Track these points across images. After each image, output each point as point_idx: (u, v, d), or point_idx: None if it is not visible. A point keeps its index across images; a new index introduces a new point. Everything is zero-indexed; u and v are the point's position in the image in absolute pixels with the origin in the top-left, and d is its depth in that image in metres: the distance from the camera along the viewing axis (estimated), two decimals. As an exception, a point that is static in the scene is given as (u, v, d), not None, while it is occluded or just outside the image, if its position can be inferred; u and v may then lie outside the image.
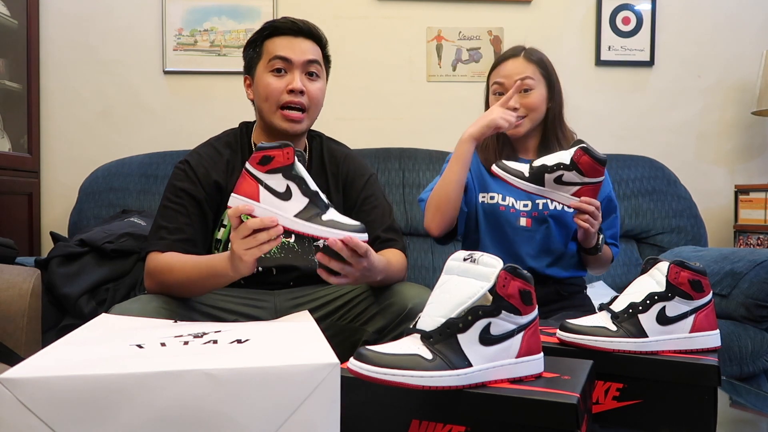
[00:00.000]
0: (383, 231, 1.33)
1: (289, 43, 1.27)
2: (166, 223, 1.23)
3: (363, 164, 1.41)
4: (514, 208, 1.51)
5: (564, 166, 1.27)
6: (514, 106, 1.45)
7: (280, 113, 1.27)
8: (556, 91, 1.52)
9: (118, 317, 0.95)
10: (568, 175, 1.27)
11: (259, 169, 1.01)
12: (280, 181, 1.01)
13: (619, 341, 0.96)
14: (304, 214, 1.02)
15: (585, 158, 1.26)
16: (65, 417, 0.58)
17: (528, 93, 1.47)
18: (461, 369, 0.75)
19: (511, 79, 1.47)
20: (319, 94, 1.30)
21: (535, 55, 1.50)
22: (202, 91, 2.52)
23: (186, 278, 1.15)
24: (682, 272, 0.98)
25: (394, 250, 1.31)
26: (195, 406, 0.60)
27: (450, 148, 2.41)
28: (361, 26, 2.52)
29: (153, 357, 0.65)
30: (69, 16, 2.47)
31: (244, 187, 1.02)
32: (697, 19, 2.62)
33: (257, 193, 1.01)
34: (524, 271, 0.80)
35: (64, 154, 2.48)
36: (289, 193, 1.01)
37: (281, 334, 0.78)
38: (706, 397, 0.92)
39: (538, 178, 1.29)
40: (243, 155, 1.32)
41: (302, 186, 1.02)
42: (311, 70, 1.29)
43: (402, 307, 1.15)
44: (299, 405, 0.63)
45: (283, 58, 1.26)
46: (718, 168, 2.65)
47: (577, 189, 1.29)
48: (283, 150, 1.00)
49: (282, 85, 1.26)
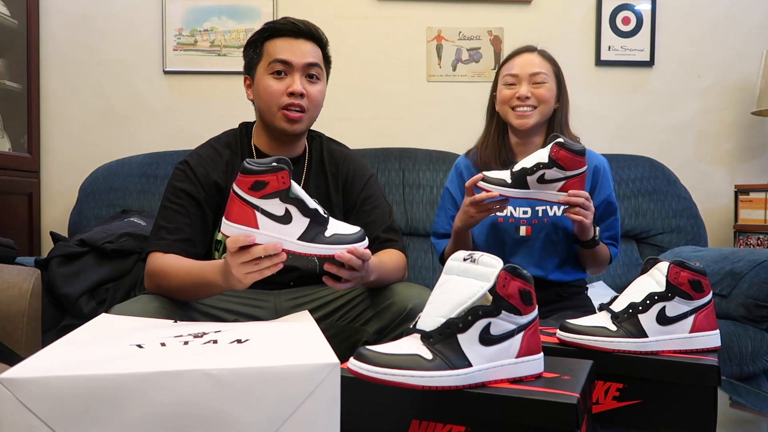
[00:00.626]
0: (383, 231, 1.33)
1: (289, 45, 1.27)
2: (165, 224, 1.24)
3: (363, 165, 1.41)
4: (514, 218, 1.51)
5: (543, 164, 1.25)
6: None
7: (281, 113, 1.27)
8: (564, 93, 1.54)
9: (118, 317, 0.95)
10: (550, 172, 1.26)
11: (252, 195, 0.95)
12: (278, 205, 0.96)
13: (619, 341, 0.96)
14: (307, 235, 0.98)
15: (562, 152, 1.24)
16: (65, 417, 0.58)
17: (540, 85, 1.48)
18: (461, 369, 0.75)
19: (525, 70, 1.48)
20: (318, 96, 1.31)
21: (547, 54, 1.53)
22: (202, 91, 2.52)
23: (180, 284, 1.15)
24: (682, 272, 0.98)
25: (392, 250, 1.31)
26: (195, 405, 0.60)
27: (450, 148, 2.44)
28: (361, 26, 2.52)
29: (153, 357, 0.66)
30: (69, 15, 2.47)
31: (238, 213, 0.96)
32: (697, 19, 2.62)
33: (254, 220, 0.95)
34: (524, 271, 0.80)
35: (64, 154, 2.48)
36: (289, 217, 0.97)
37: (281, 334, 0.78)
38: (706, 398, 0.92)
39: (521, 182, 1.27)
40: (242, 156, 1.32)
41: (301, 207, 0.98)
42: (311, 73, 1.29)
43: (402, 307, 1.15)
44: (299, 405, 0.63)
45: (284, 61, 1.26)
46: (718, 168, 2.65)
47: (563, 184, 1.28)
48: (278, 174, 0.94)
49: (282, 87, 1.26)
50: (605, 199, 1.52)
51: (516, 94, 1.47)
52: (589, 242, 1.42)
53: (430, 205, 2.28)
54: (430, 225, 2.27)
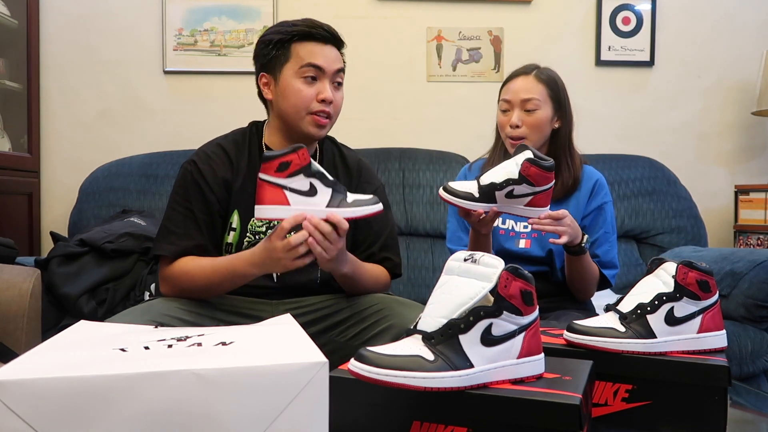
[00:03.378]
0: (378, 249, 1.34)
1: (321, 50, 1.27)
2: (175, 228, 1.24)
3: (373, 174, 1.43)
4: (514, 231, 1.51)
5: (513, 181, 1.22)
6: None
7: (311, 118, 1.26)
8: (566, 112, 1.51)
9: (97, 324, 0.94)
10: (519, 188, 1.23)
11: (279, 176, 1.06)
12: (303, 181, 1.08)
13: (628, 342, 0.96)
14: (333, 202, 1.10)
15: (533, 169, 1.22)
16: (52, 419, 0.57)
17: (532, 112, 1.46)
18: (463, 370, 0.75)
19: (517, 96, 1.47)
20: (341, 102, 1.32)
21: (545, 74, 1.49)
22: (202, 91, 2.52)
23: (206, 282, 1.20)
24: (690, 273, 0.98)
25: (380, 267, 1.34)
26: (183, 406, 0.60)
27: (450, 148, 2.44)
28: (361, 26, 2.52)
29: (138, 359, 0.65)
30: (69, 16, 2.46)
31: (269, 196, 1.07)
32: (697, 19, 2.62)
33: (285, 197, 1.07)
34: (525, 271, 0.80)
35: (64, 154, 2.48)
36: (314, 190, 1.09)
37: (265, 336, 0.77)
38: (716, 398, 0.92)
39: (489, 196, 1.25)
40: (251, 154, 1.31)
41: (323, 179, 1.10)
42: (338, 80, 1.30)
43: (401, 329, 1.15)
44: (287, 404, 0.62)
45: (317, 67, 1.26)
46: (718, 168, 2.65)
47: (529, 199, 1.26)
48: (298, 153, 1.06)
49: (313, 92, 1.26)
50: (596, 207, 1.51)
51: (509, 122, 1.47)
52: (575, 248, 1.39)
53: (430, 205, 2.28)
54: (430, 225, 2.28)
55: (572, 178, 1.51)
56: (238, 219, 1.28)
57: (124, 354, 0.67)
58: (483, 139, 1.67)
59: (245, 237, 1.28)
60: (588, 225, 1.51)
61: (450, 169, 2.32)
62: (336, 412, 0.66)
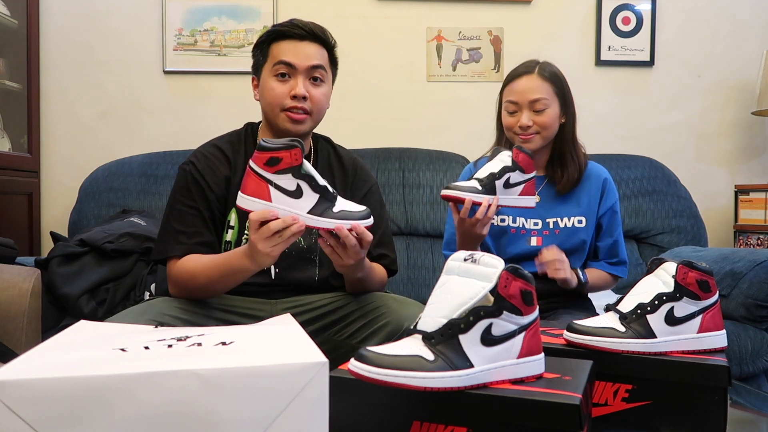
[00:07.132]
0: (373, 246, 1.34)
1: (294, 47, 1.28)
2: (182, 228, 1.24)
3: (368, 172, 1.44)
4: (525, 229, 1.52)
5: (508, 168, 1.30)
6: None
7: (284, 115, 1.28)
8: (570, 105, 1.52)
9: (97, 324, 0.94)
10: (514, 175, 1.31)
11: (267, 170, 1.03)
12: (290, 180, 1.04)
13: (628, 342, 0.96)
14: (316, 209, 1.06)
15: (522, 155, 1.31)
16: (52, 419, 0.57)
17: (541, 112, 1.46)
18: (463, 370, 0.75)
19: (524, 97, 1.46)
20: (322, 99, 1.31)
21: (548, 71, 1.49)
22: (202, 91, 2.52)
23: (207, 281, 1.19)
24: (690, 272, 0.98)
25: (380, 266, 1.36)
26: (183, 406, 0.60)
27: (450, 148, 2.44)
28: (361, 26, 2.52)
29: (139, 359, 0.65)
30: (69, 16, 2.46)
31: (252, 187, 1.04)
32: (697, 19, 2.62)
33: (268, 194, 1.04)
34: (525, 271, 0.80)
35: (64, 154, 2.48)
36: (300, 192, 1.05)
37: (265, 336, 0.77)
38: (716, 398, 0.92)
39: (491, 187, 1.30)
40: (247, 153, 1.33)
41: (312, 183, 1.06)
42: (315, 75, 1.30)
43: (397, 327, 1.16)
44: (288, 404, 0.62)
45: (287, 64, 1.27)
46: (718, 168, 2.65)
47: (522, 188, 1.33)
48: (291, 151, 1.03)
49: (285, 90, 1.27)
50: (610, 207, 1.55)
51: (518, 123, 1.47)
52: (578, 287, 1.47)
53: (430, 205, 2.28)
54: (430, 225, 2.28)
55: (578, 172, 1.53)
56: (236, 217, 1.29)
57: (124, 354, 0.67)
58: (483, 139, 1.67)
59: (243, 234, 1.28)
60: (605, 226, 1.54)
61: (450, 169, 2.33)
62: (336, 412, 0.66)
